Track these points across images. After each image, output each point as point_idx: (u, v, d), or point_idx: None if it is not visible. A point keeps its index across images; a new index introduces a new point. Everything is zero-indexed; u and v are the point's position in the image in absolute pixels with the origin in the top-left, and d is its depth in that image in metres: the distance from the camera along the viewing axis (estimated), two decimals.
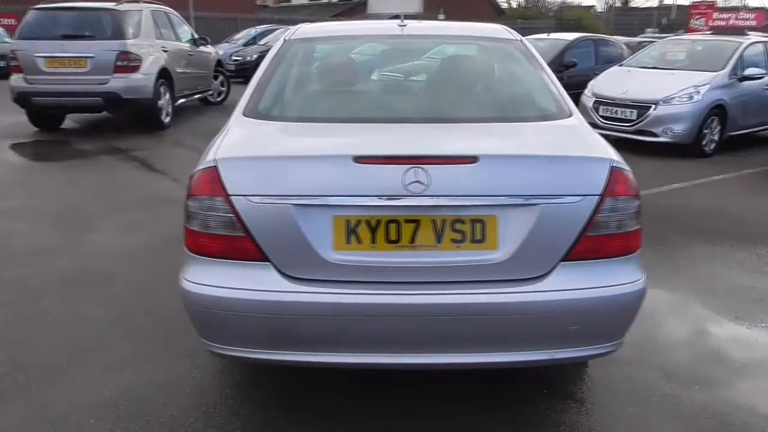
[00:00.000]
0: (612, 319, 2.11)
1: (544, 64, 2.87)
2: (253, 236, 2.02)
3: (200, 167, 2.11)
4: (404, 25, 3.15)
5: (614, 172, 2.07)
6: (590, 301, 2.04)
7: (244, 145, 2.26)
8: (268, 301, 2.01)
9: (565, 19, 31.57)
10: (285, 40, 3.01)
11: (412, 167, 1.97)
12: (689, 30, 18.71)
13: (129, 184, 5.97)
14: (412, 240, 2.01)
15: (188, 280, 2.10)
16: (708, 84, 7.54)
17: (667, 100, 7.47)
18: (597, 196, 2.02)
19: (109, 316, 3.19)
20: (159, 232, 4.50)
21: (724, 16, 17.34)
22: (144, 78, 8.06)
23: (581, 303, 2.03)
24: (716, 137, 7.71)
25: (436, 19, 31.78)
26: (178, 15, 10.02)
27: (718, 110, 7.58)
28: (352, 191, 1.98)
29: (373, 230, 2.01)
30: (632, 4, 56.66)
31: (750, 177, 6.75)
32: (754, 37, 8.78)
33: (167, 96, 8.61)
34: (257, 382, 2.63)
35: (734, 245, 4.43)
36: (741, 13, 17.04)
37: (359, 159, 1.99)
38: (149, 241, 4.35)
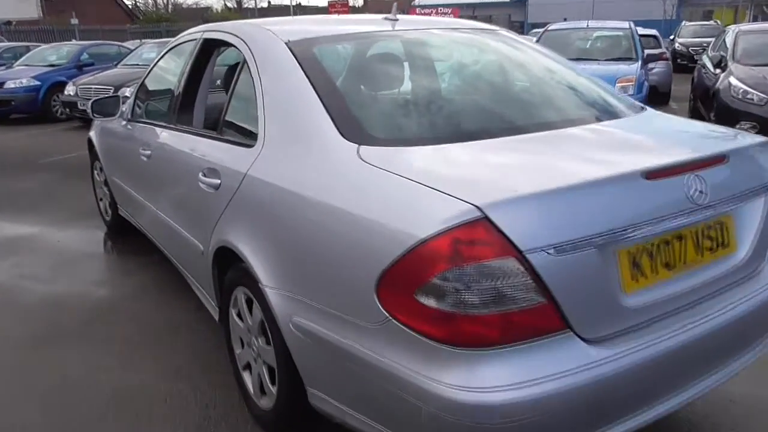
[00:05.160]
0: None
1: None
2: (555, 299, 1.49)
3: (448, 224, 1.45)
4: (396, 20, 2.69)
5: None
6: None
7: (484, 182, 1.63)
8: (583, 381, 1.50)
9: (213, 21, 31.21)
10: (287, 43, 2.27)
11: (690, 174, 1.70)
12: None
13: None
14: (683, 259, 1.74)
15: (467, 388, 1.44)
16: None
17: None
18: None
19: None
20: None
21: (427, 11, 20.10)
22: None
23: None
24: None
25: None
26: None
27: None
28: (647, 215, 1.61)
29: (651, 257, 1.67)
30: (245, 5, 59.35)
31: None
32: None
33: None
34: None
35: None
36: (440, 8, 19.69)
37: (650, 174, 1.62)
38: None
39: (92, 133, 4.56)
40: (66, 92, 10.31)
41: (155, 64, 3.61)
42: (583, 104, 2.38)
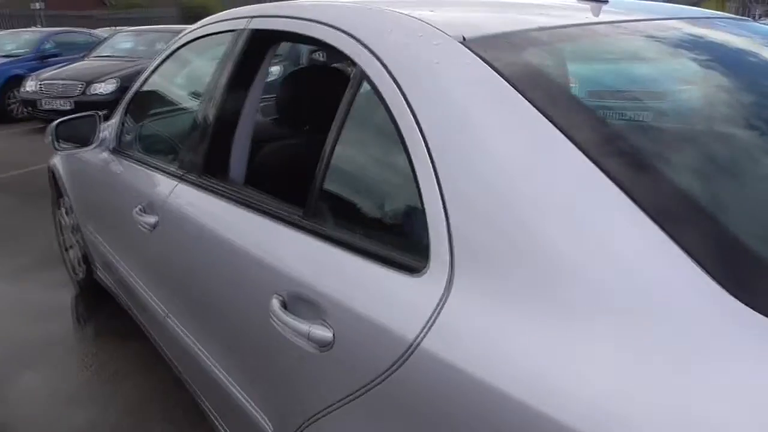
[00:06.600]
0: None
1: None
2: None
3: None
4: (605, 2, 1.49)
5: None
6: None
7: None
8: None
9: (190, 7, 29.47)
10: (464, 42, 1.06)
11: None
12: None
13: None
14: None
15: None
16: None
17: None
18: None
19: None
20: None
21: None
22: None
23: None
24: None
25: None
26: None
27: None
28: None
29: None
30: None
31: None
32: None
33: None
34: None
35: None
36: None
37: None
38: None
39: (56, 160, 3.25)
40: (25, 88, 8.83)
41: (157, 68, 2.31)
42: None
